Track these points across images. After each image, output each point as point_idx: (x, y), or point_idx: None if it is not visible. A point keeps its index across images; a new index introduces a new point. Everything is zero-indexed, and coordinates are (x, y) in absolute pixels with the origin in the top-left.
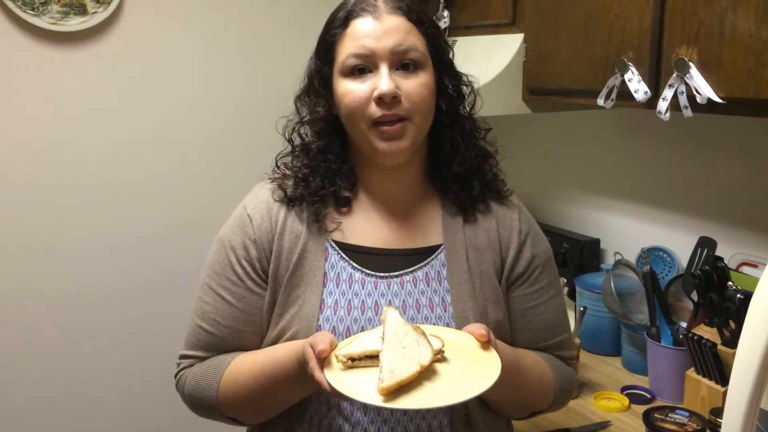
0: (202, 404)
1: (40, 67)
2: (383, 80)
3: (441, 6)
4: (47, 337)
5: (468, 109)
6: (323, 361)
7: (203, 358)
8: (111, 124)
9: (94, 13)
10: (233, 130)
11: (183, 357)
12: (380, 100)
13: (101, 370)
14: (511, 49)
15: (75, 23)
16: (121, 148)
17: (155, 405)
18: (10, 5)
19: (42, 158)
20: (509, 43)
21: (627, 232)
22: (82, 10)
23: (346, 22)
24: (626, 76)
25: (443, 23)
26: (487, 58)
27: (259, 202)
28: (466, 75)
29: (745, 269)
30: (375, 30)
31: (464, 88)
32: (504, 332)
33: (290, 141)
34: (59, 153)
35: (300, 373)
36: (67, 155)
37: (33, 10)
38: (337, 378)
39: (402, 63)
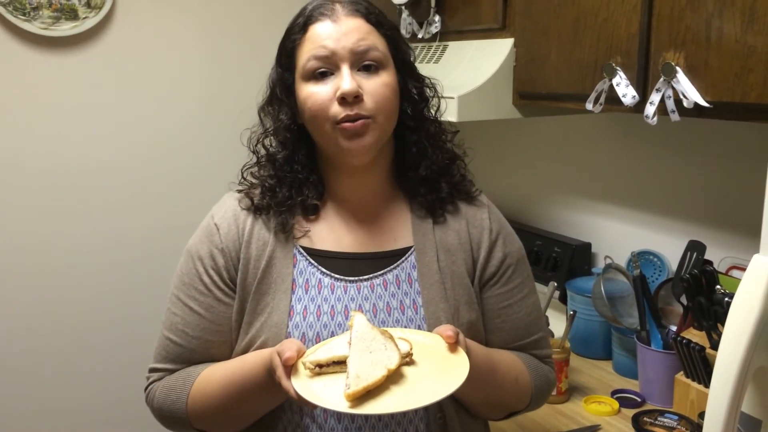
0: (171, 417)
1: (31, 71)
2: (345, 80)
3: (432, 11)
4: (40, 339)
5: (433, 111)
6: (290, 368)
7: (172, 371)
8: (102, 128)
9: (85, 18)
10: (224, 134)
11: (152, 370)
12: (343, 99)
13: (93, 372)
14: (501, 53)
15: (66, 28)
16: (113, 152)
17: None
18: (1, 10)
19: (33, 162)
20: (499, 47)
21: (618, 236)
22: (73, 15)
23: (305, 27)
24: (614, 81)
25: (434, 28)
26: (477, 63)
27: (226, 210)
28: (428, 78)
29: (735, 273)
30: (334, 32)
31: (427, 90)
32: (478, 333)
33: (255, 152)
34: (50, 157)
35: (269, 382)
36: (58, 159)
37: (24, 15)
38: (304, 385)
39: (363, 64)
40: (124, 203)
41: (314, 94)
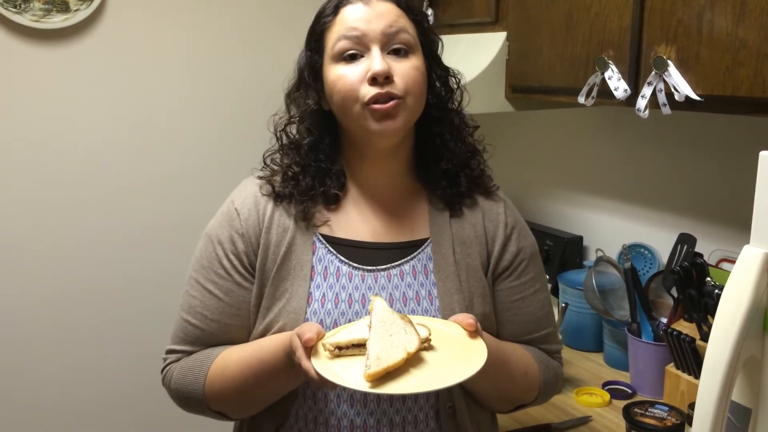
0: (188, 398)
1: (22, 64)
2: (375, 60)
3: (425, 4)
4: (34, 334)
5: (456, 103)
6: (310, 349)
7: (190, 353)
8: (95, 121)
9: (77, 10)
10: (219, 126)
11: (169, 352)
12: (374, 80)
13: (89, 367)
14: (494, 47)
15: (58, 20)
16: (106, 145)
17: (145, 401)
18: None
19: (25, 156)
20: (492, 41)
21: (609, 229)
22: (64, 8)
23: (336, 9)
24: (606, 74)
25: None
26: (470, 57)
27: (247, 196)
28: (453, 69)
29: (725, 265)
30: (365, 14)
31: (452, 80)
32: (490, 325)
33: (279, 139)
34: (42, 151)
35: (287, 365)
36: (50, 153)
37: (15, 7)
38: (324, 366)
39: (393, 47)
40: (117, 197)
41: (344, 75)
